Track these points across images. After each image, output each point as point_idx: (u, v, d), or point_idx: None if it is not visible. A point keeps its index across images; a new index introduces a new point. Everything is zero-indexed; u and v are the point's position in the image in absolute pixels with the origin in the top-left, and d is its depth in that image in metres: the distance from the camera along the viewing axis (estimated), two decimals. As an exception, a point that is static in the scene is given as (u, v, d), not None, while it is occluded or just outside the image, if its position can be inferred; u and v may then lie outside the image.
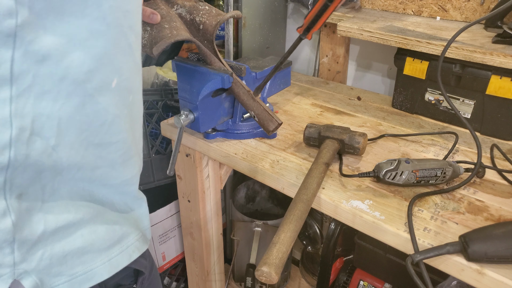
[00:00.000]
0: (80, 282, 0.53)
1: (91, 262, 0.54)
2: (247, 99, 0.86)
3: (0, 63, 0.37)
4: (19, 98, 0.39)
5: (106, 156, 0.52)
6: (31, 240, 0.47)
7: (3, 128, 0.39)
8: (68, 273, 0.52)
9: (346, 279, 1.25)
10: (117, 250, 0.57)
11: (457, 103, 1.01)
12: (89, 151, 0.50)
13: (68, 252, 0.51)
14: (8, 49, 0.37)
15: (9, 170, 0.42)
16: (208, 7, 0.86)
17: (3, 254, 0.45)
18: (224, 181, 1.11)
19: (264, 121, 0.86)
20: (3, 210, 0.43)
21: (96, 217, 0.55)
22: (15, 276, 0.47)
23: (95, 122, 0.48)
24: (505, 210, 0.73)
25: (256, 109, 0.85)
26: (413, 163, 0.76)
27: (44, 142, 0.43)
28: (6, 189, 0.43)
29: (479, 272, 0.60)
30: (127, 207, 0.60)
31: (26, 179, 0.44)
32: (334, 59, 1.36)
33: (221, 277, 1.31)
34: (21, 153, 0.41)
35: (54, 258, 0.50)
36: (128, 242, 0.59)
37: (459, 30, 0.82)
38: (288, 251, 0.60)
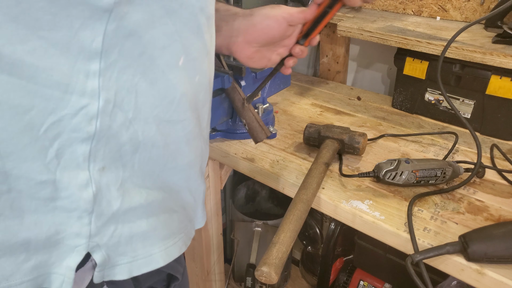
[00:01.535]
0: (139, 265, 0.53)
1: (151, 247, 0.54)
2: (240, 106, 0.86)
3: (94, 36, 0.38)
4: (106, 71, 0.41)
5: (174, 133, 0.53)
6: (107, 215, 0.48)
7: (93, 100, 0.41)
8: (131, 254, 0.52)
9: (346, 279, 1.25)
10: (172, 241, 0.57)
11: (457, 103, 1.01)
12: (161, 127, 0.50)
13: (134, 233, 0.52)
14: (102, 24, 0.38)
15: (94, 140, 0.43)
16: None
17: (81, 224, 0.46)
18: (224, 181, 1.11)
19: (253, 131, 0.86)
20: (86, 181, 0.44)
21: (162, 204, 0.55)
22: (89, 249, 0.47)
23: (166, 98, 0.49)
24: (505, 210, 0.73)
25: (248, 118, 0.85)
26: (413, 163, 0.76)
27: (123, 114, 0.45)
28: (90, 160, 0.44)
29: (479, 272, 0.60)
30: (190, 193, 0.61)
31: (108, 153, 0.45)
32: (334, 59, 1.36)
33: (221, 277, 1.31)
34: (105, 124, 0.43)
35: (123, 236, 0.51)
36: (180, 235, 0.59)
37: (459, 30, 0.82)
38: (288, 251, 0.60)
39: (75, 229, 0.46)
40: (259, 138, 0.85)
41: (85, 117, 0.41)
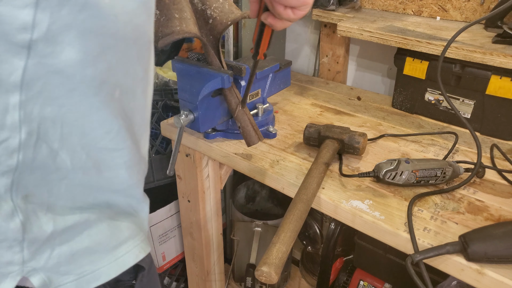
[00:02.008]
0: (87, 281, 0.53)
1: (99, 261, 0.55)
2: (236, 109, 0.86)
3: (12, 70, 0.38)
4: (27, 104, 0.40)
5: (111, 161, 0.53)
6: (41, 239, 0.48)
7: (14, 133, 0.41)
8: (76, 272, 0.53)
9: (346, 279, 1.25)
10: (124, 250, 0.58)
11: (457, 103, 1.01)
12: (92, 154, 0.50)
13: (76, 251, 0.52)
14: (21, 59, 0.38)
15: (17, 172, 0.43)
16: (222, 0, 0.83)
17: (12, 252, 0.46)
18: (224, 181, 1.11)
19: (247, 135, 0.85)
20: (11, 211, 0.44)
21: (103, 218, 0.56)
22: (24, 274, 0.48)
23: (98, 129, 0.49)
24: (505, 210, 0.73)
25: (242, 122, 0.85)
26: (413, 163, 0.76)
27: (48, 146, 0.45)
28: (12, 190, 0.44)
29: (479, 272, 0.60)
30: (132, 209, 0.61)
31: (32, 181, 0.45)
32: (334, 59, 1.36)
33: (221, 277, 1.31)
34: (28, 156, 0.43)
35: (63, 257, 0.51)
36: (134, 243, 0.59)
37: (459, 30, 0.82)
38: (288, 251, 0.60)
39: (6, 258, 0.46)
40: (252, 142, 0.86)
41: (5, 151, 0.41)
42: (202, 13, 0.81)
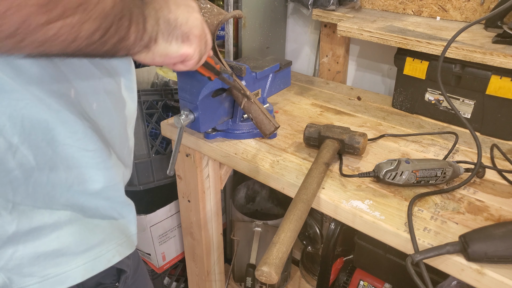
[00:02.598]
0: (51, 284, 0.52)
1: (65, 264, 0.54)
2: (245, 101, 0.86)
3: None
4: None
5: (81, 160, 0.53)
6: (1, 239, 0.48)
7: None
8: (40, 274, 0.52)
9: (346, 279, 1.25)
10: (94, 254, 0.57)
11: (457, 103, 1.01)
12: (59, 150, 0.50)
13: (41, 253, 0.52)
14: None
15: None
16: (210, 5, 0.85)
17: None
18: (224, 181, 1.11)
19: (261, 124, 0.85)
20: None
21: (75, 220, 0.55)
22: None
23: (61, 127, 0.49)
24: (505, 210, 0.73)
25: (253, 112, 0.85)
26: (413, 163, 0.76)
27: (6, 139, 0.45)
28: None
29: (479, 272, 0.60)
30: (115, 212, 0.61)
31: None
32: (334, 59, 1.36)
33: (221, 277, 1.31)
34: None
35: (26, 258, 0.50)
36: (109, 247, 0.58)
37: (459, 30, 0.82)
38: (288, 251, 0.60)
39: None
40: (268, 130, 0.85)
41: None
42: None
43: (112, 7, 0.39)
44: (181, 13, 0.50)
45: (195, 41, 0.52)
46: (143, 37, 0.45)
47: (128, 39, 0.43)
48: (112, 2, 0.39)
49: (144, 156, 1.16)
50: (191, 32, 0.51)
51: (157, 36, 0.48)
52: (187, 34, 0.51)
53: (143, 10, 0.45)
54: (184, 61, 0.54)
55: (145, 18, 0.45)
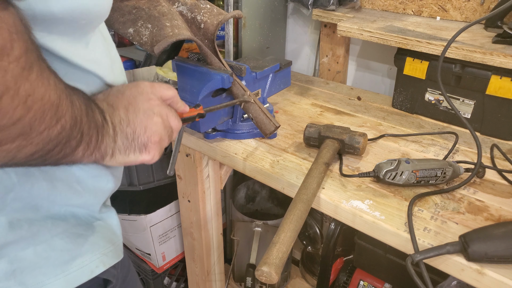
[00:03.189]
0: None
1: (43, 277, 0.52)
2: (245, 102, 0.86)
3: None
4: None
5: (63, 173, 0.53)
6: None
7: None
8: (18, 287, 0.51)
9: (346, 279, 1.25)
10: (77, 265, 0.56)
11: (457, 103, 1.02)
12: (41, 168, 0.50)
13: (18, 266, 0.51)
14: None
15: None
16: (210, 5, 0.85)
17: None
18: (224, 181, 1.11)
19: (262, 124, 0.85)
20: None
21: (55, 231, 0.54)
22: None
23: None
24: (505, 210, 0.73)
25: (254, 112, 0.85)
26: (413, 163, 0.76)
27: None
28: None
29: (479, 272, 0.60)
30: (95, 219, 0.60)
31: None
32: (334, 59, 1.36)
33: (221, 277, 1.31)
34: None
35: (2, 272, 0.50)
36: (92, 257, 0.58)
37: (459, 30, 0.82)
38: (288, 251, 0.60)
39: None
40: (268, 130, 0.85)
41: None
42: (193, 21, 0.83)
43: (59, 133, 0.39)
44: (139, 122, 0.51)
45: (154, 147, 0.53)
46: (93, 154, 0.46)
47: (74, 155, 0.44)
48: (60, 130, 0.39)
49: (144, 156, 1.16)
50: (150, 141, 0.52)
51: (114, 152, 0.49)
52: (146, 144, 0.52)
53: (101, 128, 0.46)
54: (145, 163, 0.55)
55: (102, 137, 0.46)
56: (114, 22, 0.75)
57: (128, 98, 0.52)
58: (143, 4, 0.76)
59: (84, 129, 0.43)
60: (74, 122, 0.41)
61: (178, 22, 0.77)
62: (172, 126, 0.58)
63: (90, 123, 0.44)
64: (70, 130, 0.41)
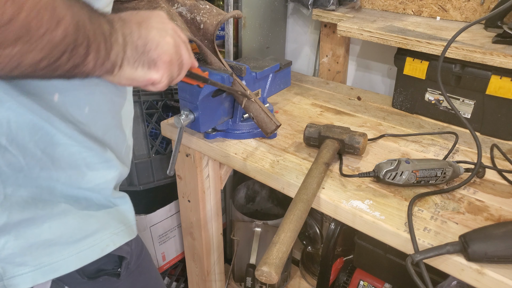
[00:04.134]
0: (44, 273, 0.54)
1: (58, 253, 0.55)
2: (246, 100, 0.86)
3: None
4: None
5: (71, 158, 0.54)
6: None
7: None
8: (32, 263, 0.53)
9: (346, 279, 1.25)
10: (88, 243, 0.58)
11: (457, 103, 1.01)
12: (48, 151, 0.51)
13: (33, 243, 0.53)
14: None
15: None
16: (209, 6, 0.85)
17: None
18: (224, 181, 1.11)
19: (262, 123, 0.85)
20: None
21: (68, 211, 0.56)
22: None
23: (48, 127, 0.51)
24: (505, 210, 0.73)
25: (254, 111, 0.85)
26: (413, 163, 0.76)
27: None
28: None
29: (479, 272, 0.60)
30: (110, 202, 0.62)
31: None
32: (334, 59, 1.36)
33: (221, 277, 1.31)
34: None
35: (17, 248, 0.52)
36: (103, 236, 0.59)
37: (459, 30, 0.82)
38: (288, 251, 0.60)
39: None
40: (269, 129, 0.85)
41: None
42: (192, 22, 0.84)
43: (62, 38, 0.38)
44: (152, 37, 0.50)
45: (163, 67, 0.52)
46: (104, 63, 0.45)
47: (85, 65, 0.42)
48: (62, 34, 0.38)
49: (144, 156, 1.16)
50: (160, 58, 0.51)
51: (122, 62, 0.48)
52: (155, 61, 0.51)
53: (109, 36, 0.45)
54: (152, 84, 0.54)
55: (111, 45, 0.45)
56: None
57: (143, 16, 0.51)
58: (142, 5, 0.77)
59: (89, 35, 0.41)
60: (77, 26, 0.39)
61: (178, 22, 0.78)
62: (183, 57, 0.56)
63: (95, 30, 0.42)
64: (75, 34, 0.39)
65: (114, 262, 0.65)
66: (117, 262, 0.65)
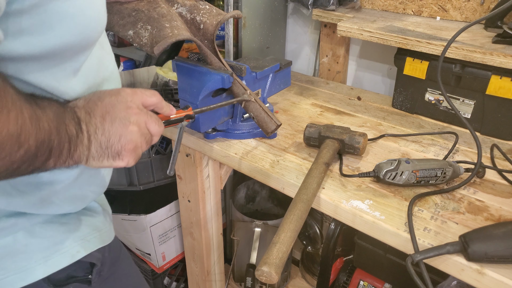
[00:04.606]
0: (12, 282, 0.54)
1: (24, 262, 0.54)
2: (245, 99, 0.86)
3: None
4: None
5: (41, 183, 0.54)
6: None
7: None
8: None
9: (346, 279, 1.25)
10: (56, 250, 0.58)
11: (457, 103, 1.01)
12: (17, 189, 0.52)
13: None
14: None
15: None
16: (209, 6, 0.85)
17: None
18: (224, 181, 1.11)
19: (263, 122, 0.85)
20: None
21: (35, 220, 0.56)
22: None
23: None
24: (505, 210, 0.73)
25: (255, 111, 0.85)
26: (413, 163, 0.76)
27: None
28: None
29: (479, 272, 0.60)
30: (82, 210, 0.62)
31: None
32: (334, 59, 1.36)
33: (221, 277, 1.31)
34: None
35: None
36: (73, 243, 0.59)
37: (459, 30, 0.82)
38: (288, 251, 0.60)
39: None
40: (269, 129, 0.85)
41: None
42: (192, 22, 0.84)
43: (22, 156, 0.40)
44: (114, 131, 0.52)
45: (127, 155, 0.54)
46: (66, 161, 0.47)
47: (46, 166, 0.45)
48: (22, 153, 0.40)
49: (144, 156, 1.16)
50: (123, 149, 0.53)
51: (88, 159, 0.50)
52: (119, 152, 0.52)
53: (75, 139, 0.47)
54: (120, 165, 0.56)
55: (75, 147, 0.47)
56: (114, 25, 0.75)
57: (107, 106, 0.52)
58: (142, 6, 0.77)
59: (53, 146, 0.44)
60: (41, 143, 0.42)
61: (178, 23, 0.77)
62: (151, 132, 0.58)
63: (60, 138, 0.45)
64: (36, 150, 0.41)
65: (86, 269, 0.64)
66: (89, 269, 0.64)
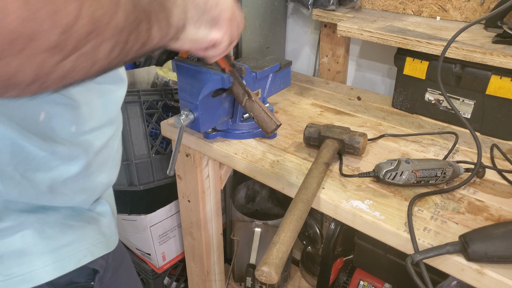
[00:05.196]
0: (16, 283, 0.52)
1: (30, 264, 0.53)
2: (245, 99, 0.86)
3: None
4: None
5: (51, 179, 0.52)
6: None
7: None
8: (4, 273, 0.51)
9: (346, 279, 1.25)
10: (63, 253, 0.56)
11: (457, 103, 1.01)
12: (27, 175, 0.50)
13: (3, 252, 0.51)
14: None
15: None
16: None
17: None
18: (224, 181, 1.11)
19: (263, 122, 0.85)
20: None
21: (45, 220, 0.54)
22: None
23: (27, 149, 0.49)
24: (505, 210, 0.73)
25: (254, 111, 0.85)
26: (413, 163, 0.76)
27: None
28: None
29: (479, 272, 0.60)
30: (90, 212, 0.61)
31: None
32: (334, 59, 1.36)
33: (221, 277, 1.31)
34: None
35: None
36: (80, 247, 0.58)
37: (459, 30, 0.82)
38: (288, 251, 0.60)
39: None
40: (269, 129, 0.85)
41: None
42: None
43: (125, 19, 0.36)
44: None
45: (225, 25, 0.50)
46: (168, 32, 0.43)
47: (152, 41, 0.40)
48: (124, 15, 0.36)
49: (144, 156, 1.16)
50: (221, 16, 0.49)
51: (185, 24, 0.45)
52: (217, 18, 0.49)
53: (165, 3, 0.42)
54: (214, 45, 0.52)
55: (170, 12, 0.42)
56: None
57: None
58: None
59: (147, 8, 0.39)
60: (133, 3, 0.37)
61: None
62: (238, 20, 0.54)
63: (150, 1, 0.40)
64: (134, 12, 0.37)
65: (88, 275, 0.62)
66: (91, 275, 0.63)
